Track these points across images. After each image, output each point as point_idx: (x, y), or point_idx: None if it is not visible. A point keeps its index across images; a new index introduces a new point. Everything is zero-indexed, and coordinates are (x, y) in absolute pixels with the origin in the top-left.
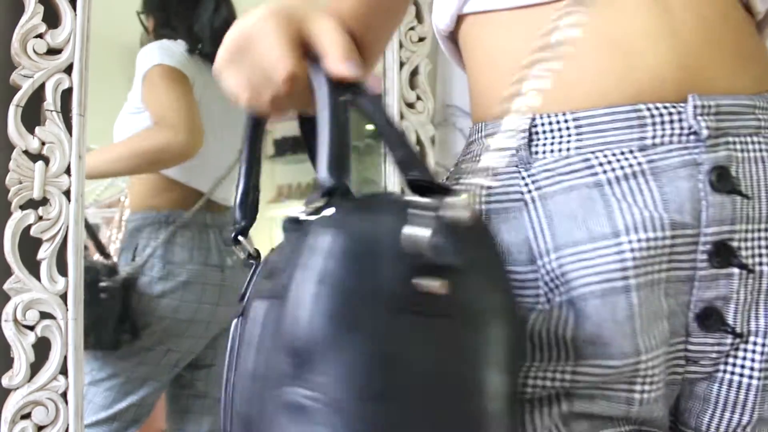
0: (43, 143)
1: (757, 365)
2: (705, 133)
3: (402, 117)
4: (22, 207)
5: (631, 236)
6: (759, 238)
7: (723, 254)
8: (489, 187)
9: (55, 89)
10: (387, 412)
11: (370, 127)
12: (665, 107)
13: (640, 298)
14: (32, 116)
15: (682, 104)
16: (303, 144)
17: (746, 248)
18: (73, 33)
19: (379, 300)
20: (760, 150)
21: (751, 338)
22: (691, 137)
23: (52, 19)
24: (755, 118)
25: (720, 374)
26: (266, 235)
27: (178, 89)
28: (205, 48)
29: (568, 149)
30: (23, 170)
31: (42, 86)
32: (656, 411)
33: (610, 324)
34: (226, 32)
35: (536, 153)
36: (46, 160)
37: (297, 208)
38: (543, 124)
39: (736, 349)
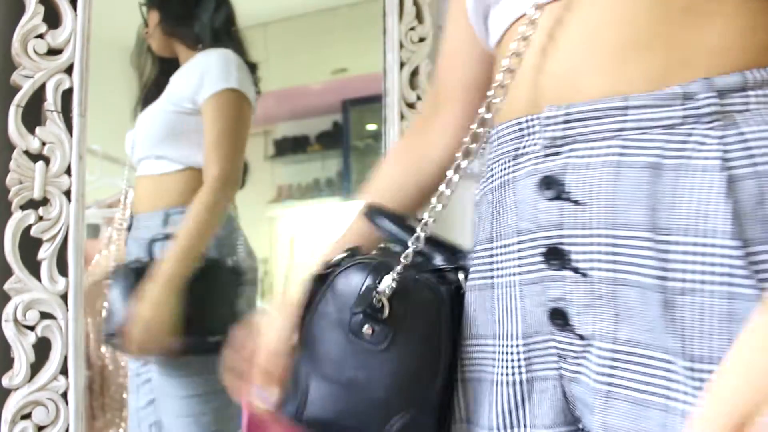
0: (44, 143)
1: (598, 369)
2: (543, 142)
3: (402, 117)
4: (23, 207)
5: (497, 242)
6: (594, 243)
7: (557, 257)
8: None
9: (56, 89)
10: (328, 388)
11: (370, 127)
12: (533, 119)
13: (499, 294)
14: (33, 116)
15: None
16: (302, 144)
17: (580, 253)
18: (74, 33)
19: (342, 326)
20: (608, 155)
21: (594, 342)
22: (541, 147)
23: (52, 19)
24: (619, 121)
25: (579, 375)
26: (266, 233)
27: (244, 132)
28: (205, 48)
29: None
30: (24, 170)
31: (42, 86)
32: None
33: (481, 311)
34: (226, 32)
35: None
36: (47, 161)
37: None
38: (488, 137)
39: (585, 352)
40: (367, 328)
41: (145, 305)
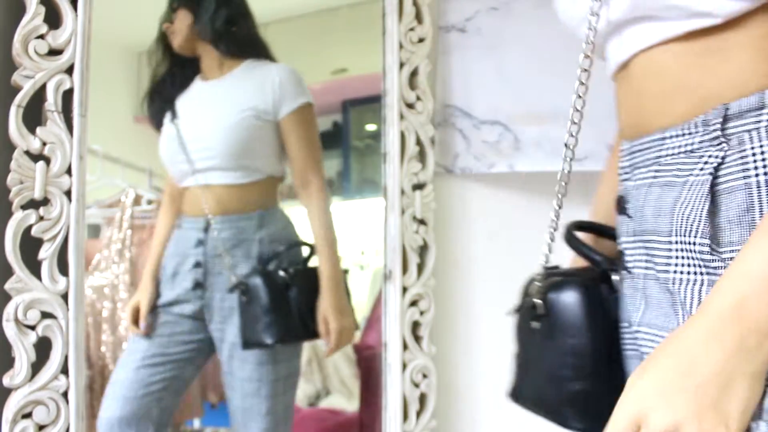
0: (44, 143)
1: (635, 347)
2: (620, 170)
3: (402, 117)
4: (24, 207)
5: None
6: (635, 248)
7: (622, 259)
8: None
9: (56, 90)
10: (523, 369)
11: (370, 127)
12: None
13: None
14: (33, 117)
15: None
16: None
17: (629, 255)
18: (75, 34)
19: (524, 319)
20: (647, 177)
21: (642, 328)
22: (620, 173)
23: (53, 19)
24: (659, 149)
25: None
26: None
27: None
28: (241, 57)
29: None
30: (24, 170)
31: (43, 87)
32: None
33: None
34: (229, 33)
35: None
36: (47, 161)
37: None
38: None
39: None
40: (532, 323)
41: (342, 313)
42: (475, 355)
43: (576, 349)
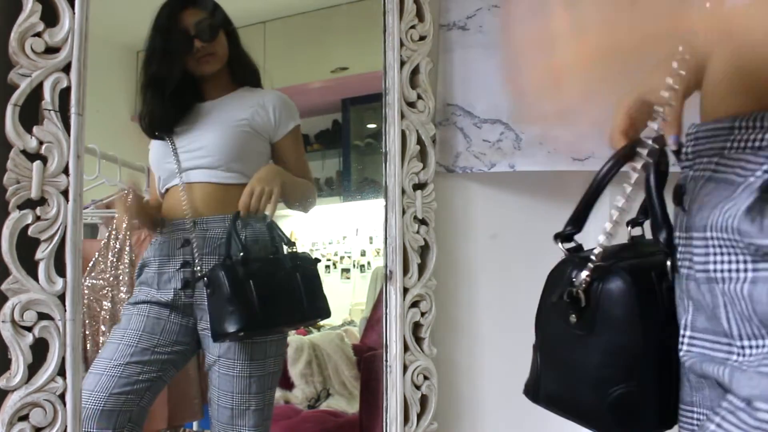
0: (41, 143)
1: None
2: (682, 157)
3: (403, 116)
4: (20, 207)
5: None
6: (683, 246)
7: (674, 255)
8: None
9: (53, 88)
10: (552, 370)
11: (370, 126)
12: None
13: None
14: (30, 115)
15: None
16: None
17: (679, 252)
18: (72, 31)
19: (557, 315)
20: (706, 170)
21: (687, 332)
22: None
23: (50, 17)
24: (726, 140)
25: None
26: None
27: None
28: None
29: None
30: (21, 170)
31: (40, 85)
32: None
33: None
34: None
35: None
36: (44, 160)
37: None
38: None
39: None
40: (571, 317)
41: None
42: (477, 357)
43: (622, 347)
